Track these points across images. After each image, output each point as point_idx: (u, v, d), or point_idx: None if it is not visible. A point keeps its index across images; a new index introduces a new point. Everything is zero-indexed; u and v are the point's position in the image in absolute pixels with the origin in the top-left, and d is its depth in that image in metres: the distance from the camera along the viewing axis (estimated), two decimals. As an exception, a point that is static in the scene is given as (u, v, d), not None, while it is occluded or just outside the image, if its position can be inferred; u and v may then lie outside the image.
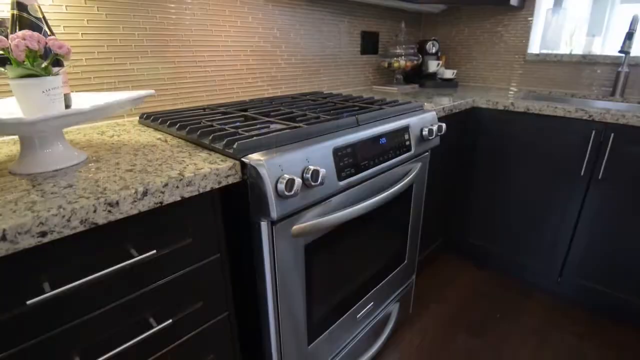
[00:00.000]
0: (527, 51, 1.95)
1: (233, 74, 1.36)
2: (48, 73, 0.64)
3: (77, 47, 1.00)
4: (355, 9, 1.79)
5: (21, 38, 0.62)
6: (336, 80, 1.81)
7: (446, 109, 1.36)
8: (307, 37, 1.60)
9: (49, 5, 0.94)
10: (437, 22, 2.22)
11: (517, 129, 1.53)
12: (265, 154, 0.67)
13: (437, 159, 1.47)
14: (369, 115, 0.96)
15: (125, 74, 1.10)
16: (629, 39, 1.64)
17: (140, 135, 0.89)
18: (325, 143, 0.76)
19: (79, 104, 0.81)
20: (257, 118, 0.92)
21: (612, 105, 1.71)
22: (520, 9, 1.92)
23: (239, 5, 1.31)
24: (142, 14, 1.09)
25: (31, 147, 0.65)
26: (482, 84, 2.14)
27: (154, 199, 0.57)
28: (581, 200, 1.43)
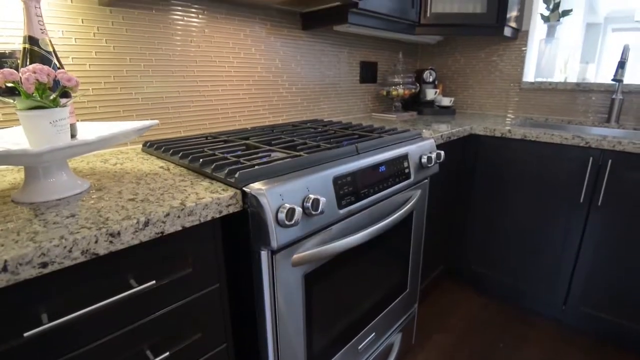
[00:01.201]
0: (522, 79, 2.00)
1: (235, 103, 1.40)
2: (56, 105, 0.66)
3: (85, 77, 1.03)
4: (354, 40, 1.85)
5: (32, 72, 0.64)
6: (336, 108, 1.85)
7: (444, 136, 1.38)
8: (308, 66, 1.64)
9: (59, 37, 0.97)
10: (434, 52, 2.29)
11: (515, 156, 1.54)
12: (266, 183, 0.67)
13: (436, 186, 1.48)
14: (368, 144, 0.97)
15: (131, 103, 1.13)
16: (621, 68, 1.69)
17: (143, 164, 0.91)
18: (326, 172, 0.77)
19: (84, 134, 0.83)
20: (259, 147, 0.94)
21: (609, 132, 1.74)
22: (514, 40, 1.98)
23: (242, 38, 1.36)
24: (149, 46, 1.13)
25: (35, 176, 0.66)
26: (479, 111, 2.18)
27: (155, 229, 0.57)
28: (582, 227, 1.43)
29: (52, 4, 0.95)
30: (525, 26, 1.95)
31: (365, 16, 1.42)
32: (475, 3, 1.72)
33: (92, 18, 1.02)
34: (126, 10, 1.07)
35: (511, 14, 1.78)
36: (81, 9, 1.00)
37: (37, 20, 0.77)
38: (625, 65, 1.69)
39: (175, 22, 1.18)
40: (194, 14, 1.22)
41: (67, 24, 0.98)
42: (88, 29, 1.02)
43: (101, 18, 1.04)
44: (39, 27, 0.77)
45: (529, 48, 1.97)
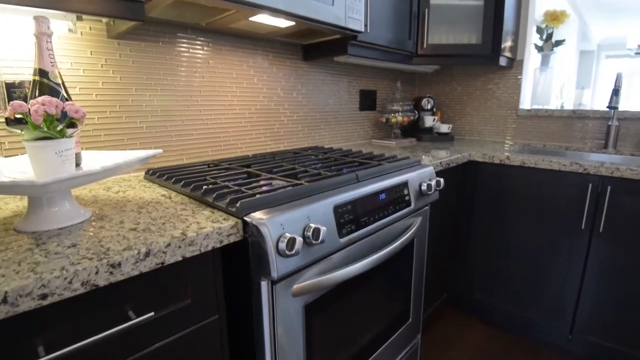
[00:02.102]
0: (519, 106, 2.04)
1: (237, 131, 1.42)
2: (62, 135, 0.68)
3: (91, 106, 1.06)
4: (353, 69, 1.90)
5: (40, 104, 0.66)
6: (336, 135, 1.88)
7: (443, 163, 1.39)
8: (309, 95, 1.68)
9: (68, 68, 1.01)
10: (431, 81, 2.35)
11: (514, 183, 1.55)
12: (267, 213, 0.68)
13: (437, 213, 1.48)
14: (368, 172, 0.98)
15: (135, 131, 1.15)
16: (616, 95, 1.72)
17: (145, 192, 0.91)
18: (326, 200, 0.78)
19: (88, 163, 0.84)
20: (260, 175, 0.95)
21: (606, 158, 1.75)
22: (509, 68, 2.04)
23: (245, 69, 1.40)
24: (155, 77, 1.17)
25: (39, 205, 0.66)
26: (478, 137, 2.21)
27: (155, 259, 0.57)
28: (585, 254, 1.42)
29: (63, 37, 0.99)
30: (519, 55, 2.01)
31: (364, 48, 1.47)
32: (470, 34, 1.79)
33: (100, 50, 1.06)
34: (134, 42, 1.11)
35: (506, 44, 1.84)
36: (90, 42, 1.04)
37: (48, 54, 0.80)
38: (619, 92, 1.72)
39: (181, 53, 1.22)
40: (199, 46, 1.26)
41: (76, 56, 1.02)
42: (96, 61, 1.06)
43: (109, 50, 1.08)
44: (49, 60, 0.80)
45: (524, 76, 2.02)
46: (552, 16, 2.15)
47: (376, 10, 1.45)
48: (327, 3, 1.14)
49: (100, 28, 1.05)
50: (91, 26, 1.04)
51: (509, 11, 1.80)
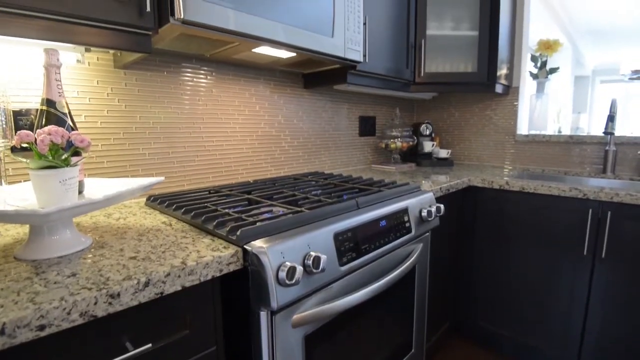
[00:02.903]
0: (516, 132, 2.07)
1: (239, 157, 1.44)
2: (67, 164, 0.69)
3: (95, 134, 1.08)
4: (353, 97, 1.95)
5: (47, 133, 0.68)
6: (337, 160, 1.90)
7: (443, 188, 1.40)
8: (309, 121, 1.71)
9: (74, 97, 1.03)
10: (429, 107, 2.40)
11: (514, 208, 1.55)
12: (267, 241, 0.68)
13: (438, 239, 1.47)
14: (368, 198, 0.99)
15: (137, 158, 1.16)
16: (611, 121, 1.75)
17: (146, 219, 0.92)
18: (326, 228, 0.78)
19: (91, 191, 0.85)
20: (261, 202, 0.95)
21: (606, 183, 1.76)
22: (505, 95, 2.08)
23: (247, 97, 1.44)
24: (159, 105, 1.20)
25: (40, 233, 0.66)
26: (477, 162, 2.23)
27: (155, 289, 0.57)
28: (588, 280, 1.40)
29: (70, 67, 1.02)
30: (515, 83, 2.06)
31: (364, 77, 1.51)
32: (466, 63, 1.84)
33: (107, 79, 1.09)
34: (140, 72, 1.15)
35: (501, 72, 1.88)
36: (97, 71, 1.07)
37: (56, 84, 0.83)
38: (615, 118, 1.75)
39: (185, 82, 1.25)
40: (203, 76, 1.30)
41: (82, 85, 1.04)
42: (102, 89, 1.08)
43: (115, 79, 1.11)
44: (57, 91, 0.83)
45: (520, 103, 2.06)
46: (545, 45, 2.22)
47: (374, 41, 1.50)
48: (327, 35, 1.18)
49: (108, 58, 1.09)
50: (99, 56, 1.07)
51: (503, 40, 1.85)
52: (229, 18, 0.91)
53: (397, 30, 1.64)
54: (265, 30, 0.99)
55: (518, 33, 2.03)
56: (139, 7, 0.84)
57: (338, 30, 1.21)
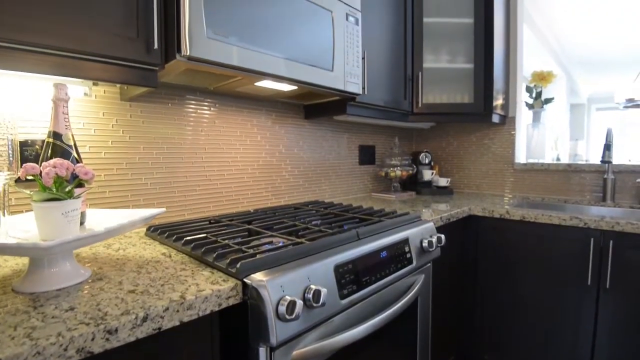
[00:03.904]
0: (514, 160, 2.09)
1: (240, 186, 1.45)
2: (70, 196, 0.69)
3: (99, 164, 1.09)
4: (352, 126, 1.98)
5: (52, 166, 0.69)
6: (337, 189, 1.91)
7: (444, 218, 1.40)
8: (310, 151, 1.74)
9: (79, 128, 1.06)
10: (428, 136, 2.43)
11: (516, 237, 1.54)
12: (267, 274, 0.67)
13: (440, 270, 1.46)
14: (368, 228, 0.99)
15: (139, 188, 1.17)
16: (608, 150, 1.77)
17: (146, 249, 0.91)
18: (327, 259, 0.78)
19: (92, 222, 0.85)
20: (261, 232, 0.95)
21: (606, 212, 1.76)
22: (502, 125, 2.12)
23: (249, 127, 1.47)
24: (162, 136, 1.22)
25: (39, 265, 0.66)
26: (477, 190, 2.24)
27: (153, 324, 0.56)
28: (594, 311, 1.37)
29: (77, 100, 1.05)
30: (511, 113, 2.10)
31: (363, 108, 1.54)
32: (462, 94, 1.88)
33: (112, 111, 1.12)
34: (145, 104, 1.18)
35: (497, 103, 1.93)
36: (103, 103, 1.10)
37: (64, 118, 0.85)
38: (611, 147, 1.77)
39: (189, 114, 1.29)
40: (206, 107, 1.33)
41: (88, 117, 1.07)
42: (107, 121, 1.11)
43: (121, 111, 1.14)
44: (64, 124, 0.85)
45: (517, 132, 2.10)
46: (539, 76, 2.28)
47: (373, 73, 1.55)
48: (326, 69, 1.22)
49: (114, 91, 1.12)
50: (105, 89, 1.10)
51: (498, 72, 1.91)
52: (233, 54, 0.95)
53: (395, 63, 1.69)
54: (268, 65, 1.03)
55: (512, 64, 2.09)
56: (146, 44, 0.87)
57: (338, 64, 1.26)
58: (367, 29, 1.51)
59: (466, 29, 1.86)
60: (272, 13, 1.03)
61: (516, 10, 2.07)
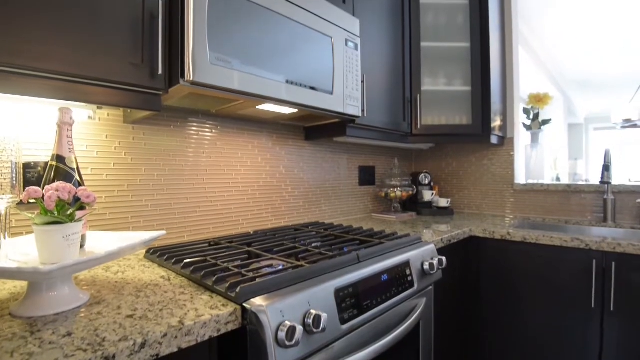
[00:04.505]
0: (514, 181, 2.10)
1: (240, 207, 1.45)
2: (71, 220, 0.70)
3: (100, 186, 1.10)
4: (352, 148, 2.00)
5: (55, 190, 0.69)
6: (337, 210, 1.90)
7: (445, 239, 1.40)
8: (310, 172, 1.75)
9: (82, 151, 1.07)
10: (427, 157, 2.45)
11: (518, 259, 1.53)
12: (267, 299, 0.67)
13: (442, 293, 1.44)
14: (369, 251, 0.99)
15: (140, 209, 1.18)
16: (607, 171, 1.77)
17: (145, 272, 0.91)
18: (327, 283, 0.77)
19: (92, 245, 0.85)
20: (261, 255, 0.95)
21: (607, 232, 1.75)
22: (501, 146, 2.13)
23: (250, 149, 1.48)
24: (164, 158, 1.23)
25: (38, 290, 0.66)
26: (477, 211, 2.24)
27: (151, 351, 0.56)
28: (599, 334, 1.35)
29: (81, 123, 1.07)
30: (510, 134, 2.12)
31: (362, 129, 1.56)
32: (461, 116, 1.91)
33: (115, 134, 1.13)
34: (148, 127, 1.20)
35: (495, 124, 1.95)
36: (107, 126, 1.12)
37: (67, 141, 0.87)
38: (610, 168, 1.77)
39: (191, 136, 1.30)
40: (208, 129, 1.35)
41: (91, 139, 1.09)
42: (110, 143, 1.13)
43: (124, 134, 1.15)
44: (67, 147, 0.86)
45: (516, 153, 2.11)
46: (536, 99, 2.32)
47: (372, 96, 1.58)
48: (327, 92, 1.24)
49: (118, 114, 1.14)
50: (109, 113, 1.12)
51: (495, 94, 1.94)
52: (235, 79, 0.97)
53: (394, 86, 1.73)
54: (269, 89, 1.05)
55: (509, 86, 2.13)
56: (151, 70, 0.90)
57: (337, 87, 1.28)
58: (367, 53, 1.55)
59: (463, 53, 1.90)
60: (274, 39, 1.06)
61: (511, 34, 2.12)
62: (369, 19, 1.58)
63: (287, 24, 1.11)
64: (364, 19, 1.55)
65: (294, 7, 1.13)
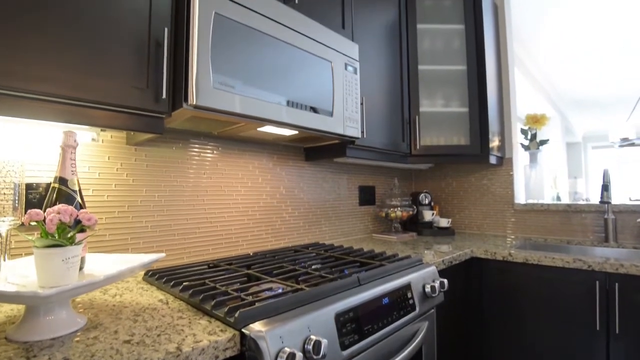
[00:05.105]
0: (514, 201, 2.09)
1: (240, 228, 1.45)
2: (72, 242, 0.70)
3: (101, 207, 1.10)
4: (352, 168, 2.02)
5: (56, 212, 0.70)
6: (337, 230, 1.90)
7: (446, 261, 1.39)
8: (310, 192, 1.75)
9: (85, 172, 1.08)
10: (427, 177, 2.46)
11: (521, 280, 1.52)
12: (266, 324, 0.66)
13: (444, 316, 1.42)
14: (370, 274, 0.98)
15: (139, 230, 1.17)
16: (606, 191, 1.78)
17: (143, 295, 0.90)
18: (327, 308, 0.76)
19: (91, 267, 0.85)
20: (260, 278, 0.94)
21: (609, 252, 1.74)
22: (500, 165, 2.15)
23: (250, 170, 1.49)
24: (165, 179, 1.24)
25: (35, 313, 0.65)
26: (478, 231, 2.23)
27: (147, 379, 0.55)
28: (605, 358, 1.32)
29: (84, 145, 1.08)
30: (508, 154, 2.14)
31: (362, 150, 1.58)
32: (459, 136, 1.93)
33: (117, 155, 1.15)
34: (150, 148, 1.21)
35: (493, 144, 1.97)
36: (109, 148, 1.13)
37: (70, 163, 0.87)
38: (609, 187, 1.78)
39: (192, 157, 1.31)
40: (210, 150, 1.37)
41: (94, 160, 1.10)
42: (112, 164, 1.14)
43: (126, 155, 1.16)
44: (70, 170, 0.87)
45: (515, 172, 2.12)
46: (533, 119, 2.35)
47: (372, 117, 1.60)
48: (327, 114, 1.26)
49: (121, 136, 1.16)
50: (113, 135, 1.14)
51: (492, 114, 1.97)
52: (238, 102, 0.99)
53: (393, 108, 1.75)
54: (270, 112, 1.07)
55: (506, 107, 2.16)
56: (155, 94, 0.92)
57: (337, 110, 1.31)
58: (366, 76, 1.58)
59: (460, 75, 1.94)
60: (275, 64, 1.09)
61: (507, 56, 2.17)
62: (368, 43, 1.63)
63: (289, 50, 1.14)
64: (362, 44, 1.59)
65: (296, 33, 1.16)
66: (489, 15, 2.05)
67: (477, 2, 1.94)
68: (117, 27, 0.86)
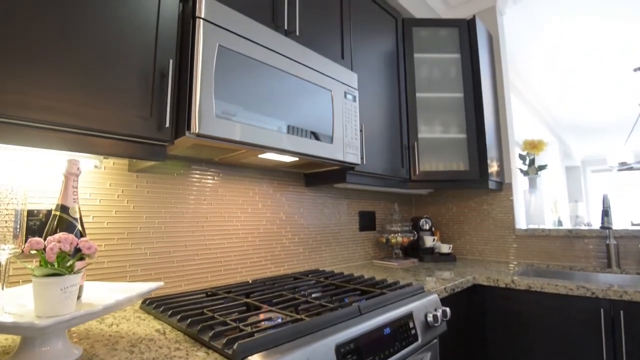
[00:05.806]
0: (515, 226, 2.09)
1: (239, 255, 1.44)
2: (70, 271, 0.69)
3: (101, 234, 1.10)
4: (352, 193, 2.02)
5: (57, 241, 0.70)
6: (337, 256, 1.88)
7: (448, 288, 1.37)
8: (310, 217, 1.75)
9: (86, 198, 1.08)
10: (427, 202, 2.46)
11: (525, 308, 1.49)
12: (265, 356, 0.65)
13: (447, 346, 1.38)
14: (371, 302, 0.96)
15: (138, 258, 1.17)
16: (606, 216, 1.77)
17: (140, 325, 0.88)
18: (327, 339, 0.75)
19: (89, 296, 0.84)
20: (260, 307, 0.93)
21: (613, 279, 1.71)
22: (500, 191, 2.15)
23: (250, 196, 1.50)
24: (166, 205, 1.24)
25: (31, 345, 0.64)
26: (479, 257, 2.20)
27: (142, 415, 0.53)
28: (616, 393, 1.27)
29: (86, 172, 1.09)
30: (507, 179, 2.15)
31: (362, 176, 1.59)
32: (458, 162, 1.95)
33: (119, 182, 1.15)
34: (151, 175, 1.22)
35: (492, 170, 1.98)
36: (111, 174, 1.14)
37: (73, 191, 0.88)
38: (609, 212, 1.77)
39: (193, 183, 1.32)
40: (210, 177, 1.38)
41: (95, 187, 1.10)
42: (113, 191, 1.14)
43: (127, 182, 1.17)
44: (72, 197, 0.87)
45: (515, 198, 2.12)
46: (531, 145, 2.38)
47: (371, 144, 1.63)
48: (326, 141, 1.28)
49: (123, 163, 1.17)
50: (115, 162, 1.15)
51: (490, 140, 2.00)
52: (239, 130, 1.01)
53: (392, 134, 1.78)
54: (271, 140, 1.09)
55: (504, 133, 2.19)
56: (159, 123, 0.93)
57: (337, 137, 1.33)
58: (365, 104, 1.62)
59: (457, 102, 1.98)
60: (277, 93, 1.12)
61: (502, 83, 2.22)
62: (367, 72, 1.67)
63: (290, 80, 1.17)
64: (361, 72, 1.63)
65: (297, 64, 1.20)
66: (484, 44, 2.12)
67: (472, 32, 2.01)
68: (124, 59, 0.89)
